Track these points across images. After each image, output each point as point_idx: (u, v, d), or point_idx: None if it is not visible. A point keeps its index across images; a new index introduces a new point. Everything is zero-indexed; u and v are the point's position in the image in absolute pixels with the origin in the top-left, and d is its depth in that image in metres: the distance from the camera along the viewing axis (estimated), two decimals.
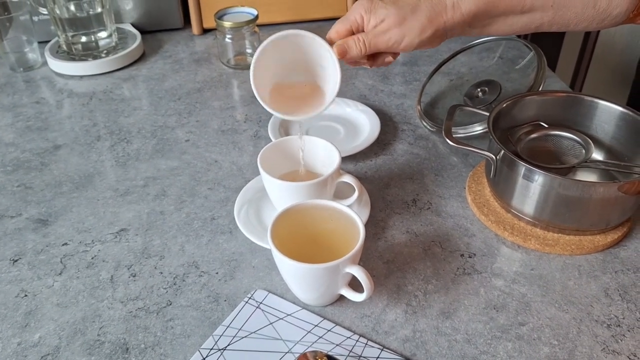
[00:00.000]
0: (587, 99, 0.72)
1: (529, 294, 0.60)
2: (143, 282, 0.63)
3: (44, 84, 1.01)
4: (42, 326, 0.58)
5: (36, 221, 0.71)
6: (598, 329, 0.57)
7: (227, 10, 1.03)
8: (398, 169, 0.78)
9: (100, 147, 0.84)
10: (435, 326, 0.57)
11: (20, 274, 0.64)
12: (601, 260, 0.64)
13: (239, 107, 0.93)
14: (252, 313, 0.58)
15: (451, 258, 0.65)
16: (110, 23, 1.05)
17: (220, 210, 0.72)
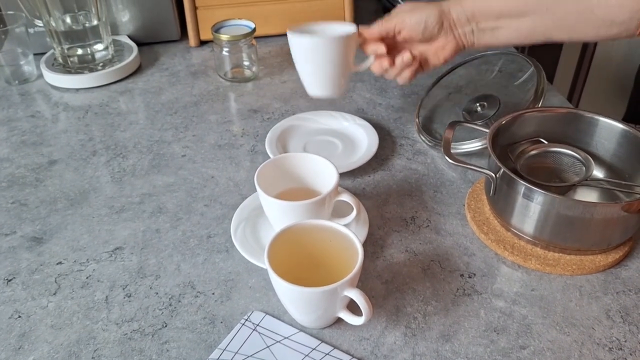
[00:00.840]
0: (588, 115, 0.72)
1: (530, 316, 0.60)
2: (138, 302, 0.62)
3: (39, 97, 1.00)
4: (36, 348, 0.57)
5: (31, 239, 0.70)
6: (600, 352, 0.56)
7: (224, 22, 1.02)
8: (396, 185, 0.78)
9: (96, 162, 0.84)
10: (435, 349, 0.56)
11: (14, 294, 0.63)
12: (602, 280, 0.64)
13: (236, 121, 0.93)
14: (249, 336, 0.58)
15: (451, 278, 0.64)
16: (106, 35, 1.05)
17: (217, 228, 0.71)
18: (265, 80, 1.04)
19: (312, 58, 0.72)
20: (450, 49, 0.73)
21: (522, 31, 0.68)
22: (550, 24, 0.66)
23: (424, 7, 0.71)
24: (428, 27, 0.71)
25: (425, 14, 0.70)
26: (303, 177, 0.69)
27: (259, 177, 0.65)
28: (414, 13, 0.71)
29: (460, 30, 0.71)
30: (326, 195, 0.63)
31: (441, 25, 0.71)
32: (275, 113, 0.94)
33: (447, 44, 0.72)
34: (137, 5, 1.10)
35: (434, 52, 0.73)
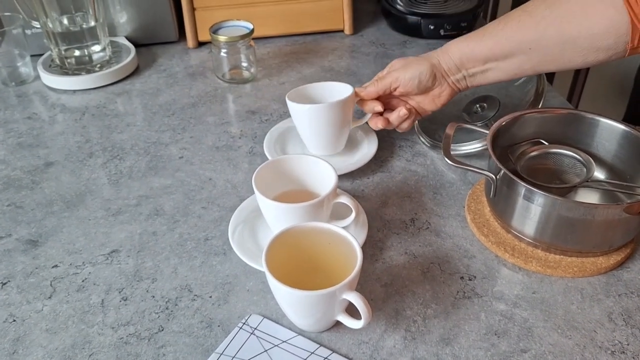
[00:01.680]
0: (588, 116, 0.71)
1: (531, 319, 0.59)
2: (134, 306, 0.61)
3: (36, 99, 1.00)
4: (31, 353, 0.57)
5: (26, 242, 0.70)
6: (602, 355, 0.55)
7: (222, 24, 1.01)
8: (396, 187, 0.77)
9: (93, 164, 0.83)
10: (435, 353, 0.56)
11: (9, 298, 0.62)
12: (604, 283, 0.63)
13: (234, 122, 0.92)
14: (247, 339, 0.57)
15: (451, 281, 0.63)
16: (103, 36, 1.04)
17: (214, 231, 0.70)
18: (263, 82, 1.03)
19: (312, 123, 0.77)
20: (446, 95, 0.76)
21: (510, 70, 0.71)
22: (537, 60, 0.68)
23: (415, 62, 0.75)
24: (422, 82, 0.74)
25: (418, 70, 0.74)
26: (301, 179, 0.68)
27: (257, 179, 0.64)
28: (407, 70, 0.74)
29: (453, 77, 0.75)
30: (324, 197, 0.62)
31: (434, 77, 0.74)
32: (273, 114, 0.94)
33: (443, 92, 0.76)
34: (135, 7, 1.09)
35: (430, 100, 0.77)
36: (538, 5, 0.67)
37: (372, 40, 1.17)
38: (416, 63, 0.74)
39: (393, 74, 0.75)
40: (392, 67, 0.77)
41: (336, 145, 0.81)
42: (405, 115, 0.77)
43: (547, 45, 0.66)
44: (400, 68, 0.75)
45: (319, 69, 1.07)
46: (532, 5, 0.68)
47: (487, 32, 0.70)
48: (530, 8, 0.67)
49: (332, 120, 0.76)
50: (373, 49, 1.13)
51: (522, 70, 0.71)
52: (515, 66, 0.70)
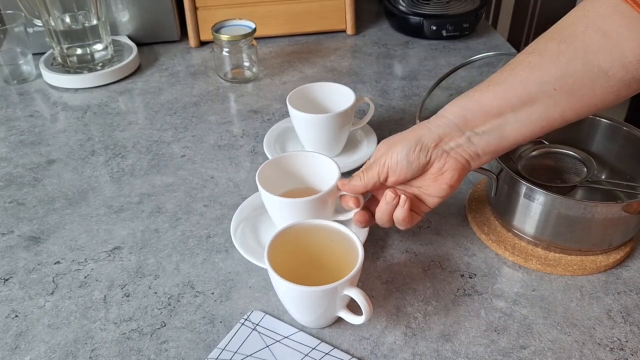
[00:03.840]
0: (589, 116, 0.71)
1: (531, 316, 0.59)
2: (137, 302, 0.61)
3: (38, 97, 1.00)
4: (33, 348, 0.57)
5: (28, 239, 0.70)
6: (601, 352, 0.56)
7: (224, 23, 1.02)
8: None
9: (95, 162, 0.83)
10: (435, 349, 0.56)
11: (11, 294, 0.63)
12: (603, 281, 0.63)
13: (236, 121, 0.92)
14: (249, 335, 0.57)
15: (451, 278, 0.64)
16: (105, 35, 1.04)
17: (216, 228, 0.71)
18: (265, 81, 1.04)
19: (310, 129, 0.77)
20: (451, 170, 0.59)
21: (534, 121, 0.55)
22: (565, 104, 0.54)
23: (400, 140, 0.60)
24: (412, 160, 0.59)
25: (403, 149, 0.59)
26: (305, 176, 0.69)
27: (261, 177, 0.65)
28: (392, 152, 0.59)
29: (453, 143, 0.58)
30: (329, 191, 0.62)
31: (426, 150, 0.58)
32: (275, 114, 0.94)
33: (444, 166, 0.59)
34: (137, 5, 1.10)
35: (432, 181, 0.60)
36: (546, 43, 0.55)
37: (374, 41, 1.17)
38: (401, 141, 0.59)
39: (379, 161, 0.60)
40: (377, 153, 0.62)
41: (334, 150, 0.81)
42: (392, 199, 0.60)
43: (576, 83, 0.53)
44: (385, 151, 0.60)
45: (321, 69, 1.07)
46: (536, 45, 0.56)
47: (492, 82, 0.57)
48: (537, 48, 0.55)
49: (330, 128, 0.76)
50: (375, 50, 1.14)
51: (549, 119, 0.55)
52: (540, 114, 0.55)
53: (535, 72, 0.54)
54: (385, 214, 0.61)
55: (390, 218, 0.61)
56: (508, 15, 1.61)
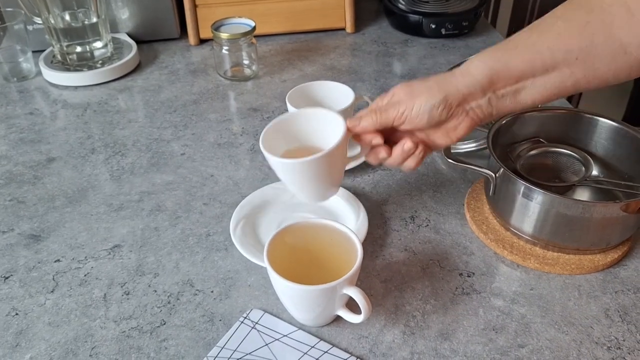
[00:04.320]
0: (587, 115, 0.72)
1: (529, 315, 0.60)
2: (137, 300, 0.62)
3: (38, 95, 1.00)
4: (33, 346, 0.57)
5: (28, 237, 0.70)
6: (598, 351, 0.56)
7: (224, 21, 1.02)
8: (396, 185, 0.78)
9: (95, 160, 0.83)
10: (433, 348, 0.56)
11: (12, 292, 0.63)
12: (601, 280, 0.63)
13: (236, 119, 0.93)
14: (248, 334, 0.57)
15: (450, 277, 0.64)
16: (105, 33, 1.04)
17: (216, 227, 0.71)
18: (265, 79, 1.04)
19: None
20: (464, 128, 0.60)
21: (549, 88, 0.57)
22: (581, 75, 0.56)
23: (424, 92, 0.58)
24: (434, 117, 0.58)
25: (428, 103, 0.57)
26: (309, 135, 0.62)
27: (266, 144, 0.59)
28: (413, 102, 0.58)
29: (474, 103, 0.58)
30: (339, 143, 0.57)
31: (449, 108, 0.58)
32: (275, 112, 0.94)
33: (460, 124, 0.59)
34: (137, 3, 1.10)
35: (443, 134, 0.61)
36: (574, 11, 0.55)
37: (373, 39, 1.17)
38: (426, 93, 0.58)
39: (397, 107, 0.59)
40: (394, 97, 0.60)
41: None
42: (410, 150, 0.60)
43: (597, 55, 0.54)
44: (405, 99, 0.59)
45: (320, 67, 1.07)
46: (564, 11, 0.56)
47: (520, 44, 0.57)
48: (565, 14, 0.56)
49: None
50: (375, 48, 1.14)
51: (562, 88, 0.57)
52: (555, 82, 0.56)
53: (562, 40, 0.55)
54: (399, 160, 0.61)
55: (402, 163, 0.62)
56: (507, 14, 1.61)
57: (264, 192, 0.73)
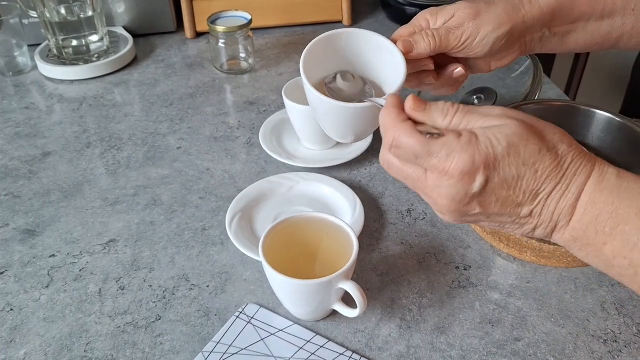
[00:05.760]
0: (584, 108, 0.71)
1: (525, 308, 0.59)
2: (132, 295, 0.61)
3: (34, 89, 1.00)
4: (28, 342, 0.57)
5: (23, 232, 0.70)
6: (595, 344, 0.56)
7: (220, 14, 1.01)
8: (392, 178, 0.77)
9: (91, 154, 0.83)
10: (430, 342, 0.56)
11: (7, 287, 0.63)
12: (597, 273, 0.63)
13: (232, 113, 0.92)
14: (244, 328, 0.57)
15: (446, 270, 0.64)
16: (101, 26, 1.04)
17: (212, 221, 0.71)
18: (261, 73, 1.03)
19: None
20: (509, 59, 0.57)
21: (595, 36, 0.56)
22: (630, 27, 0.55)
23: (492, 18, 0.52)
24: (495, 48, 0.54)
25: (494, 33, 0.53)
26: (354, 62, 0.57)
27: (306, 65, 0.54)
28: (478, 29, 0.53)
29: (529, 37, 0.55)
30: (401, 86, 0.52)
31: (512, 40, 0.54)
32: (271, 105, 0.94)
33: (508, 55, 0.57)
34: None
35: (487, 62, 0.58)
36: None
37: None
38: (494, 21, 0.52)
39: (459, 33, 0.53)
40: (455, 19, 0.54)
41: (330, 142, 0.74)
42: (462, 77, 0.56)
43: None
44: (470, 25, 0.53)
45: None
46: None
47: None
48: None
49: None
50: None
51: (607, 38, 0.56)
52: (604, 32, 0.55)
53: None
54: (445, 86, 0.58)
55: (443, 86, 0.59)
56: None
57: (260, 185, 0.73)
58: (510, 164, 0.41)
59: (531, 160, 0.42)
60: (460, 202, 0.43)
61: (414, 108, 0.46)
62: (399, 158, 0.45)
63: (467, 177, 0.42)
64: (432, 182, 0.43)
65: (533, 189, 0.42)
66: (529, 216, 0.43)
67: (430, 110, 0.45)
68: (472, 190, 0.42)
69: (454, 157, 0.42)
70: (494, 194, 0.42)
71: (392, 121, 0.45)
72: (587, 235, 0.42)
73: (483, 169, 0.41)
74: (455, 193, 0.42)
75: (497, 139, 0.42)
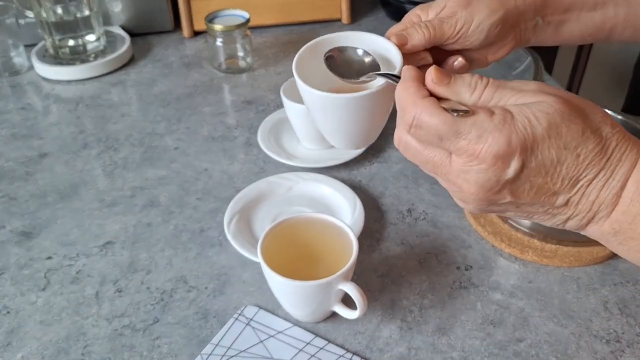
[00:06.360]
0: None
1: (527, 308, 0.59)
2: (129, 298, 0.61)
3: (30, 89, 0.99)
4: (25, 345, 0.56)
5: (20, 234, 0.69)
6: (597, 344, 0.55)
7: (218, 13, 1.00)
8: (393, 177, 0.77)
9: (87, 155, 0.82)
10: (431, 343, 0.56)
11: (3, 290, 0.62)
12: (600, 272, 0.63)
13: (230, 112, 0.91)
14: (242, 330, 0.57)
15: (447, 271, 0.63)
16: (98, 26, 1.03)
17: (210, 222, 0.70)
18: (260, 72, 1.03)
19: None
20: (504, 51, 0.55)
21: (589, 26, 0.54)
22: (622, 17, 0.54)
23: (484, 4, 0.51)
24: (490, 36, 0.51)
25: (487, 19, 0.50)
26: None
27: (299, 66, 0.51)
28: (472, 16, 0.50)
29: (523, 25, 0.53)
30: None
31: (505, 27, 0.52)
32: (270, 104, 0.93)
33: (503, 47, 0.54)
34: None
35: (483, 55, 0.55)
36: None
37: (369, 30, 1.14)
38: (486, 8, 0.50)
39: (453, 22, 0.50)
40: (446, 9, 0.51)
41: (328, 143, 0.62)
42: (461, 66, 0.53)
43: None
44: (462, 13, 0.50)
45: None
46: None
47: None
48: None
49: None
50: None
51: (601, 29, 0.54)
52: (597, 22, 0.54)
53: None
54: None
55: None
56: None
57: (259, 186, 0.73)
58: (550, 147, 0.37)
59: (573, 143, 0.37)
60: (489, 190, 0.39)
61: (436, 81, 0.40)
62: (418, 139, 0.41)
63: (501, 161, 0.37)
64: (458, 166, 0.39)
65: (573, 175, 0.38)
66: (564, 206, 0.39)
67: (455, 83, 0.40)
68: (506, 176, 0.38)
69: (486, 138, 0.37)
70: (528, 180, 0.38)
71: (410, 97, 0.40)
72: (632, 228, 0.38)
73: (519, 152, 0.37)
74: (486, 179, 0.38)
75: (536, 117, 0.37)
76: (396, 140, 0.43)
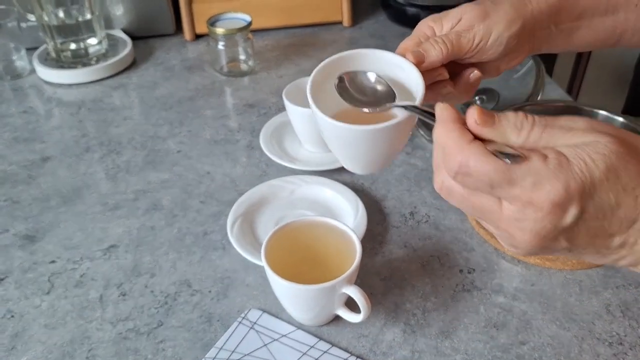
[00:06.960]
0: (587, 109, 0.71)
1: (530, 311, 0.59)
2: (133, 301, 0.61)
3: (32, 93, 0.99)
4: (30, 349, 0.57)
5: (23, 237, 0.69)
6: (600, 347, 0.56)
7: (220, 16, 1.01)
8: (395, 180, 0.77)
9: (90, 158, 0.82)
10: (434, 346, 0.56)
11: (7, 294, 0.62)
12: (602, 275, 0.63)
13: (232, 116, 0.92)
14: (246, 334, 0.57)
15: (450, 274, 0.63)
16: (100, 29, 1.03)
17: (213, 225, 0.70)
18: (261, 75, 1.03)
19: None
20: (519, 60, 0.54)
21: (599, 32, 0.54)
22: (632, 22, 0.54)
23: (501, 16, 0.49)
24: (508, 48, 0.51)
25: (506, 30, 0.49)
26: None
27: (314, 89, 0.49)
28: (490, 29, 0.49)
29: (538, 34, 0.53)
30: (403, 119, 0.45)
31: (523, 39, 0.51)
32: (272, 108, 0.93)
33: (518, 56, 0.53)
34: None
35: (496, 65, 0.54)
36: None
37: (371, 33, 1.16)
38: (504, 19, 0.49)
39: (471, 36, 0.49)
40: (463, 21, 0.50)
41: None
42: (477, 78, 0.52)
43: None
44: (480, 26, 0.49)
45: (317, 61, 1.05)
46: None
47: None
48: None
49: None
50: (372, 42, 1.12)
51: (611, 35, 0.54)
52: (608, 28, 0.54)
53: None
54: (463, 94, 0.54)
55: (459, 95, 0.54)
56: None
57: (262, 189, 0.73)
58: (609, 190, 0.35)
59: (631, 185, 0.35)
60: (544, 238, 0.36)
61: (480, 123, 0.38)
62: (465, 186, 0.38)
63: (559, 208, 0.35)
64: (511, 214, 0.37)
65: (630, 216, 0.36)
66: (620, 247, 0.38)
67: (500, 124, 0.38)
68: (563, 223, 0.36)
69: (542, 185, 0.35)
70: (585, 225, 0.36)
71: (455, 142, 0.37)
72: None
73: (578, 199, 0.35)
74: (542, 227, 0.36)
75: (592, 160, 0.35)
76: (437, 185, 0.40)
